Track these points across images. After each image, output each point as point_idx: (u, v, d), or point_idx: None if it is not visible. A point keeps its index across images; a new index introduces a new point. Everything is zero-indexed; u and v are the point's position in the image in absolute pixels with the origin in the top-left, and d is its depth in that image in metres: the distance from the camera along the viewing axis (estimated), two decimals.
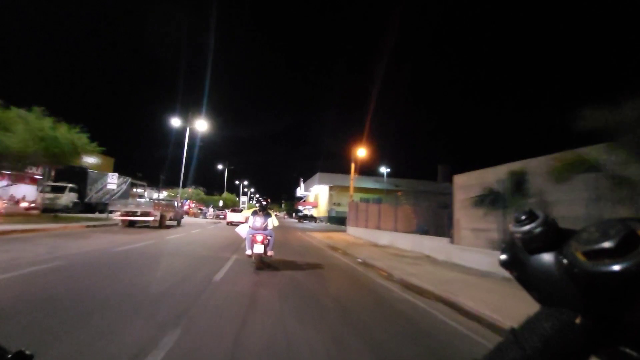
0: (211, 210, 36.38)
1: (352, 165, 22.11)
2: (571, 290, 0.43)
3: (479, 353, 0.47)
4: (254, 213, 6.75)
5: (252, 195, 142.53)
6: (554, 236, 0.47)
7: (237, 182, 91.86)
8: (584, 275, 0.40)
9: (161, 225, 15.12)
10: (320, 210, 50.69)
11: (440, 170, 54.66)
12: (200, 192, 55.73)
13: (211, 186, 75.91)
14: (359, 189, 44.30)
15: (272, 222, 6.73)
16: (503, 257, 0.52)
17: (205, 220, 31.26)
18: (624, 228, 0.39)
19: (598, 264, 0.39)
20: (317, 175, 44.74)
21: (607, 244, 0.39)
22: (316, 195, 55.34)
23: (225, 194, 64.82)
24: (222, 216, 36.64)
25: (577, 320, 0.42)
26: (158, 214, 14.62)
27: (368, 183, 44.85)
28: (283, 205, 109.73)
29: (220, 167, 63.71)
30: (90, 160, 23.34)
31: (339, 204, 45.40)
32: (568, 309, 0.43)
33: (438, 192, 15.93)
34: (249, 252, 6.44)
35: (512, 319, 3.65)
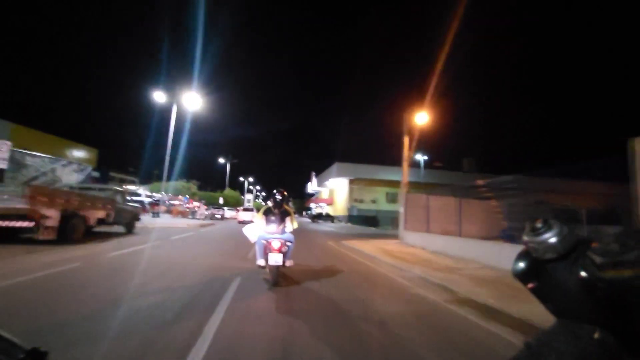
0: (202, 208, 28.89)
1: (406, 141, 14.31)
2: (589, 303, 0.41)
3: None
4: (267, 212, 5.24)
5: (258, 194, 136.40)
6: (570, 246, 0.45)
7: (241, 179, 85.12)
8: (601, 288, 0.40)
9: (67, 234, 7.66)
10: (337, 208, 42.95)
11: (466, 163, 46.88)
12: (192, 186, 47.09)
13: (212, 183, 68.78)
14: (390, 183, 36.65)
15: (292, 223, 5.23)
16: (516, 267, 0.50)
17: (194, 221, 23.19)
18: None
19: (618, 275, 0.38)
20: (335, 167, 37.05)
21: (627, 256, 0.38)
22: (331, 190, 47.71)
23: (227, 191, 57.62)
24: (219, 215, 29.27)
25: (596, 335, 0.40)
26: (53, 214, 7.10)
27: (399, 175, 36.97)
28: (291, 204, 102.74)
29: (221, 160, 56.61)
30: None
31: (361, 201, 37.66)
32: (586, 323, 0.42)
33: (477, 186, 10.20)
34: (260, 262, 5.04)
35: None
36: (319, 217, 41.14)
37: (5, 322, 2.90)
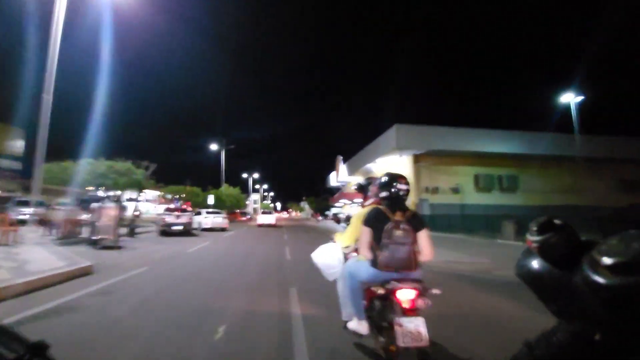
0: (162, 212, 14.46)
1: None
2: (591, 303, 0.40)
3: None
4: (376, 218, 2.36)
5: (266, 194, 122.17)
6: (573, 247, 0.44)
7: (244, 175, 70.69)
8: (605, 289, 0.38)
9: None
10: None
11: None
12: (133, 168, 22.21)
13: (206, 180, 54.15)
14: (483, 160, 21.70)
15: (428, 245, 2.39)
16: (519, 267, 0.50)
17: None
18: None
19: (622, 277, 0.37)
20: (392, 133, 21.64)
21: (632, 258, 0.37)
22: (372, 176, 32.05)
23: (224, 188, 42.90)
24: (180, 225, 14.56)
25: (597, 336, 0.40)
26: None
27: (490, 143, 21.83)
28: (305, 203, 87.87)
29: (214, 147, 41.99)
30: None
31: (434, 190, 22.59)
32: (587, 323, 0.41)
33: None
34: (356, 325, 2.51)
35: None
36: (348, 220, 26.07)
37: None
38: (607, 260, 0.38)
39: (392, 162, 25.33)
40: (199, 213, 17.31)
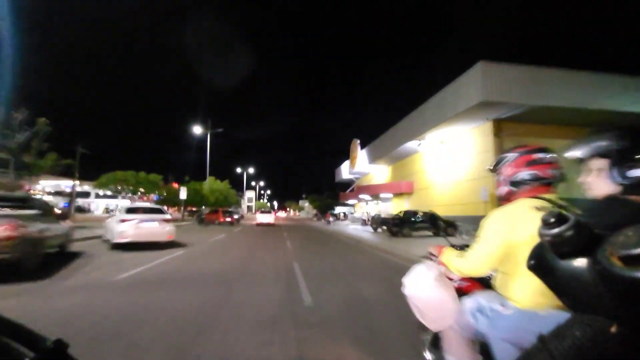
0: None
1: None
2: (606, 296, 0.40)
3: None
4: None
5: (262, 192, 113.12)
6: (586, 240, 0.44)
7: (239, 170, 62.11)
8: (621, 281, 0.38)
9: None
10: (442, 201, 19.04)
11: None
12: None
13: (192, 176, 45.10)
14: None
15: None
16: (532, 261, 0.50)
17: None
18: None
19: (637, 269, 0.37)
20: (474, 76, 12.90)
21: None
22: (421, 157, 23.87)
23: (209, 181, 34.30)
24: (123, 238, 5.95)
25: (613, 329, 0.39)
26: None
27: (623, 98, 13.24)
28: (306, 202, 79.12)
29: (197, 130, 33.43)
30: None
31: None
32: (602, 317, 0.41)
33: None
34: None
35: None
36: (384, 222, 17.36)
37: None
38: (621, 252, 0.38)
39: (455, 135, 16.78)
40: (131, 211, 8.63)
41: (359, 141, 30.25)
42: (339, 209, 52.21)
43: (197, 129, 32.80)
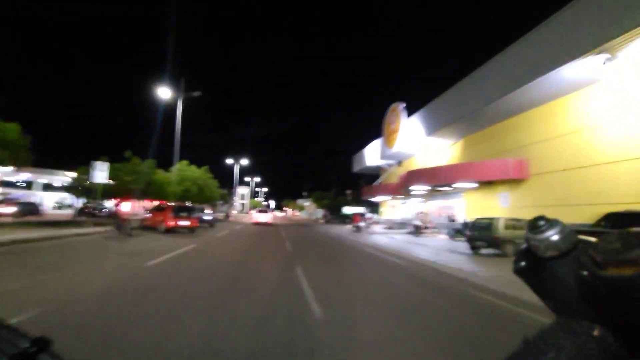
0: None
1: None
2: (589, 300, 0.41)
3: None
4: None
5: (257, 189, 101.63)
6: (571, 245, 0.45)
7: (229, 161, 51.58)
8: (604, 286, 0.39)
9: None
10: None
11: None
12: None
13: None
14: None
15: None
16: (517, 264, 0.50)
17: None
18: None
19: (619, 274, 0.38)
20: None
21: (629, 254, 0.39)
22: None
23: (179, 166, 23.94)
24: None
25: (596, 332, 0.41)
26: None
27: None
28: (308, 201, 68.63)
29: (163, 93, 22.94)
30: None
31: None
32: (586, 320, 0.42)
33: None
34: None
35: None
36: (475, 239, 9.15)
37: None
38: (603, 257, 0.39)
39: None
40: None
41: (403, 105, 20.03)
42: (348, 210, 42.06)
43: (165, 93, 22.38)
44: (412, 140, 18.91)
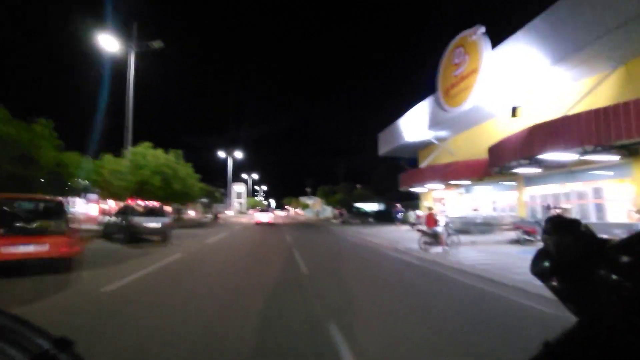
0: None
1: None
2: (609, 302, 0.41)
3: None
4: None
5: (257, 188, 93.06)
6: (590, 246, 0.44)
7: (221, 155, 43.88)
8: (624, 287, 0.38)
9: None
10: None
11: None
12: None
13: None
14: None
15: None
16: (535, 266, 0.49)
17: None
18: None
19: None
20: None
21: None
22: None
23: (136, 149, 16.15)
24: None
25: (620, 337, 0.39)
26: None
27: None
28: (313, 198, 60.42)
29: (111, 47, 15.12)
30: None
31: None
32: (607, 323, 0.41)
33: None
34: None
35: None
36: None
37: None
38: (624, 259, 0.38)
39: None
40: None
41: (482, 30, 12.25)
42: (364, 206, 34.44)
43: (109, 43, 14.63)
44: (504, 82, 11.20)
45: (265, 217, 23.07)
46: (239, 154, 44.61)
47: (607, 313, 0.40)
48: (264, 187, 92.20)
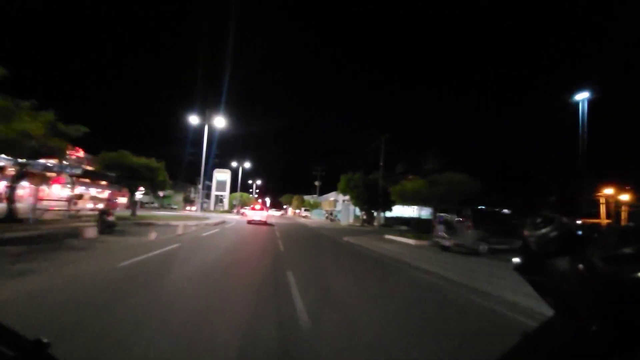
0: None
1: None
2: (588, 295, 0.42)
3: None
4: None
5: (250, 181, 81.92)
6: (570, 241, 0.45)
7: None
8: (602, 281, 0.40)
9: None
10: None
11: None
12: None
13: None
14: None
15: None
16: (516, 261, 0.50)
17: None
18: None
19: (617, 269, 0.39)
20: None
21: (627, 250, 0.39)
22: None
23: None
24: None
25: (594, 328, 0.41)
26: None
27: None
28: (323, 197, 51.59)
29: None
30: None
31: None
32: (584, 315, 0.42)
33: None
34: None
35: None
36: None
37: None
38: (603, 253, 0.39)
39: None
40: None
41: None
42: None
43: None
44: None
45: (258, 216, 21.89)
46: (220, 123, 29.23)
47: (584, 305, 0.40)
48: (259, 182, 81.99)
